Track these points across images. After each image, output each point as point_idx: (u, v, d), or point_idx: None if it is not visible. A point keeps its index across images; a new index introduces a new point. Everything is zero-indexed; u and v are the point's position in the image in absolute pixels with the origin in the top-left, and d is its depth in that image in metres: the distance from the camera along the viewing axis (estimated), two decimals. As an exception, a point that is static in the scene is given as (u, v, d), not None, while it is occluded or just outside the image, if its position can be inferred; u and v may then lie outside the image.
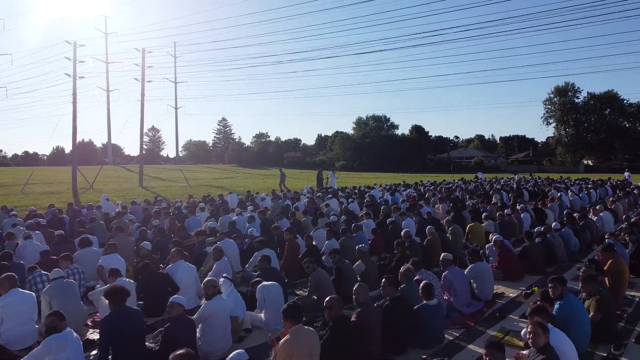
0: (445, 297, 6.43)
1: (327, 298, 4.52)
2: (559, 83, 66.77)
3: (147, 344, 4.84)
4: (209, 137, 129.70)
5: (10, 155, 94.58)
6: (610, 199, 16.38)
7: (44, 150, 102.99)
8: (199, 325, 5.08)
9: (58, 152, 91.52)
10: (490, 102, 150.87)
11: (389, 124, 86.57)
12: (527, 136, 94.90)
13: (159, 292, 6.26)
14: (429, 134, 79.56)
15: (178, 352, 3.43)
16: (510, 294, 7.33)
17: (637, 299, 7.05)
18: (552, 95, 66.66)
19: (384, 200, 17.48)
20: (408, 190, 21.56)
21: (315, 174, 32.27)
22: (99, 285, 6.92)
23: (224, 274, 6.44)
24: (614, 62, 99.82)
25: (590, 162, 65.84)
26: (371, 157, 66.45)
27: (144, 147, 47.33)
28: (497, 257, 8.35)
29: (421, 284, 5.43)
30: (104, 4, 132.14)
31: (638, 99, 69.99)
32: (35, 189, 25.61)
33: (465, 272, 6.84)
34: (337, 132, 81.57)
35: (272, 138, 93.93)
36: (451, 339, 5.61)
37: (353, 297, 4.99)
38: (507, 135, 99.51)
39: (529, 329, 3.95)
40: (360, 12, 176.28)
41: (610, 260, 6.80)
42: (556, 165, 65.21)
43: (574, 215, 11.87)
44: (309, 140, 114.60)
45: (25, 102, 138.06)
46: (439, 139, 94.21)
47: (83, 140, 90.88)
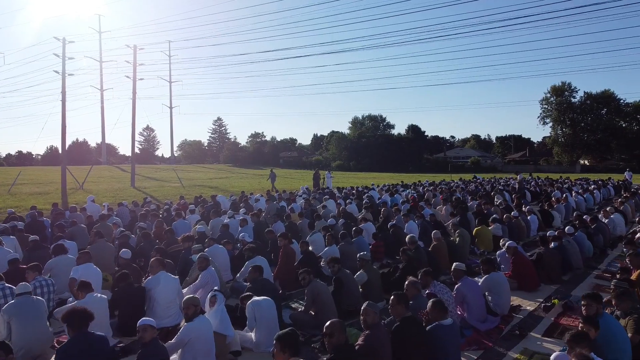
0: (458, 312, 5.75)
1: (327, 323, 3.80)
2: (555, 82, 66.78)
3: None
4: (204, 137, 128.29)
5: (4, 155, 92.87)
6: (619, 200, 15.73)
7: (38, 150, 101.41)
8: (178, 351, 4.36)
9: (52, 152, 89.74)
10: (486, 102, 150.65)
11: (385, 123, 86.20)
12: (523, 136, 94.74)
13: (135, 308, 5.53)
14: (425, 134, 79.09)
15: None
16: (528, 307, 6.64)
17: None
18: (548, 95, 66.57)
19: (382, 201, 16.76)
20: (408, 190, 20.89)
21: (311, 173, 31.62)
22: (71, 299, 6.18)
23: (215, 287, 5.75)
24: (611, 61, 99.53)
25: (586, 162, 65.65)
26: (367, 157, 65.89)
27: (139, 146, 46.42)
28: (510, 265, 7.65)
29: (430, 301, 4.71)
30: (98, 2, 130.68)
31: (634, 98, 69.47)
32: (24, 189, 24.63)
33: (480, 284, 6.17)
34: (333, 131, 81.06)
35: (268, 138, 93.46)
36: (468, 362, 4.93)
37: (361, 318, 4.28)
38: (503, 135, 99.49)
39: None
40: (359, 10, 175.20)
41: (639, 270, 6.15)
42: (553, 165, 65.04)
43: (584, 217, 11.26)
44: (304, 140, 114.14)
45: (18, 101, 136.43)
46: (435, 138, 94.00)
47: (77, 140, 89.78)
